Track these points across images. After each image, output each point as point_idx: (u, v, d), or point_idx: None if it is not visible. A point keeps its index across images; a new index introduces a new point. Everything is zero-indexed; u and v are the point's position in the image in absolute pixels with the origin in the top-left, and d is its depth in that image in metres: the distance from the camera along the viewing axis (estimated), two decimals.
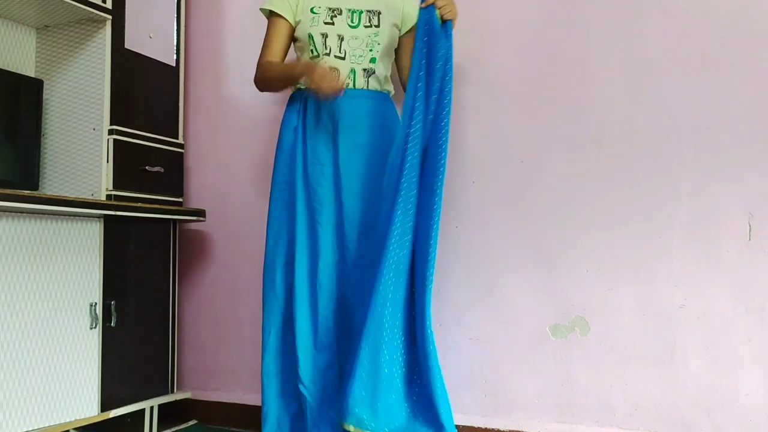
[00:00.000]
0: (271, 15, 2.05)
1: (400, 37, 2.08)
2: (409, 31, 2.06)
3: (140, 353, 2.30)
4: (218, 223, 2.64)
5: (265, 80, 2.06)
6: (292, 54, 2.13)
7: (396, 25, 2.04)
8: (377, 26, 1.99)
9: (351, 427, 1.71)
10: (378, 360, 1.77)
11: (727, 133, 1.95)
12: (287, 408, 1.98)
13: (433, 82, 1.91)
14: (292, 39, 2.07)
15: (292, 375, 1.96)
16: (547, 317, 2.13)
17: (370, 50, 1.98)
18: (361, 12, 1.99)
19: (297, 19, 2.02)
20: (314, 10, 1.99)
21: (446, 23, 1.94)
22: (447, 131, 1.90)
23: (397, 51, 2.10)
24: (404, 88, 2.12)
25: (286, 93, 2.12)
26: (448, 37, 1.95)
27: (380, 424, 1.72)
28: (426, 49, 1.92)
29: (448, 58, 1.94)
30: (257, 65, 2.06)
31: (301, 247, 1.96)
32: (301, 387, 1.91)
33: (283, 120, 2.07)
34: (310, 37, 1.99)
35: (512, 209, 2.19)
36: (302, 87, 2.02)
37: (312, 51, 2.00)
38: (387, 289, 1.79)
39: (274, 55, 2.04)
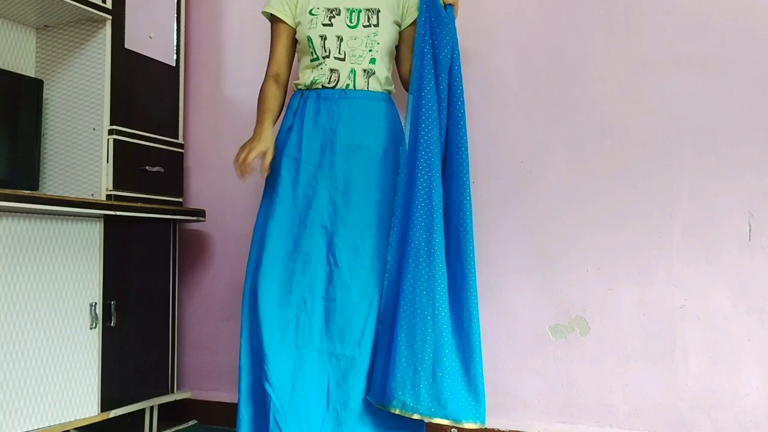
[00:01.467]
0: (272, 19, 2.05)
1: (400, 32, 2.06)
2: (412, 23, 2.04)
3: (140, 353, 2.30)
4: (218, 223, 2.64)
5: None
6: None
7: (396, 22, 2.03)
8: (376, 25, 1.98)
9: (396, 410, 1.79)
10: (414, 344, 1.81)
11: (727, 133, 1.95)
12: (250, 407, 1.95)
13: (441, 71, 1.91)
14: (296, 41, 2.07)
15: (259, 374, 1.94)
16: (547, 317, 2.13)
17: (370, 50, 1.98)
18: (360, 11, 1.98)
19: (297, 21, 2.02)
20: (313, 11, 1.99)
21: (448, 8, 1.94)
22: (464, 125, 1.92)
23: (397, 46, 2.08)
24: (403, 82, 2.11)
25: (289, 94, 2.11)
26: (452, 21, 1.94)
27: (423, 406, 1.78)
28: (430, 36, 1.91)
29: (454, 45, 1.93)
30: (265, 73, 2.07)
31: (276, 246, 1.94)
32: (266, 385, 1.88)
33: (282, 120, 2.07)
34: (309, 39, 1.98)
35: (512, 209, 2.19)
36: (301, 88, 2.02)
37: (312, 54, 1.99)
38: (417, 275, 1.83)
39: (279, 63, 2.05)
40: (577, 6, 2.15)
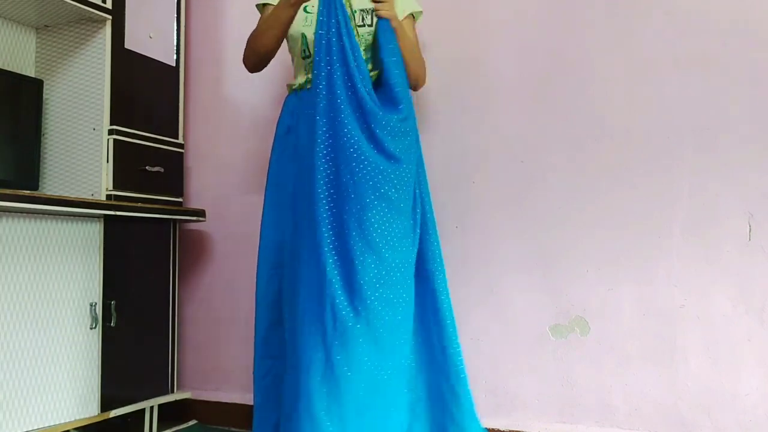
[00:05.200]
0: (264, 7, 2.04)
1: None
2: (403, 21, 2.03)
3: (140, 353, 2.30)
4: (218, 223, 2.64)
5: (255, 39, 1.97)
6: (282, 47, 2.13)
7: None
8: (370, 25, 1.96)
9: None
10: None
11: (727, 133, 1.95)
12: (270, 414, 1.95)
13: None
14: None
15: (278, 379, 1.93)
16: (547, 317, 2.13)
17: (364, 50, 1.97)
18: (354, 12, 1.97)
19: None
20: (307, 9, 1.97)
21: (381, 21, 1.88)
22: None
23: None
24: None
25: (285, 93, 2.11)
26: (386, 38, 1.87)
27: None
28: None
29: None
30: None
31: (289, 249, 1.93)
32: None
33: (278, 121, 2.06)
34: (303, 36, 1.97)
35: (512, 209, 2.19)
36: (296, 88, 2.01)
37: (303, 51, 1.98)
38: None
39: None
40: (578, 6, 2.15)
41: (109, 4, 2.22)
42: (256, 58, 2.03)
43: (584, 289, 2.08)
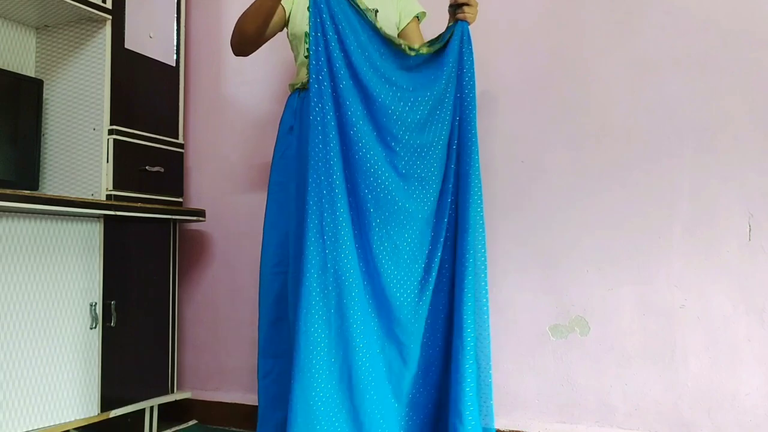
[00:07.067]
0: None
1: (399, 33, 2.06)
2: (410, 22, 2.04)
3: (140, 353, 2.30)
4: (218, 223, 2.64)
5: (242, 22, 1.96)
6: (282, 46, 2.13)
7: (395, 23, 2.03)
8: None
9: None
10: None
11: (727, 133, 1.95)
12: (272, 413, 1.96)
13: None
14: (284, 31, 2.05)
15: (280, 378, 1.94)
16: (547, 317, 2.13)
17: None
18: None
19: (290, 11, 2.01)
20: (310, 8, 1.98)
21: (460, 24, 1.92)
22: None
23: None
24: None
25: (286, 93, 2.11)
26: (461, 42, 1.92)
27: None
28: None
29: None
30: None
31: (293, 248, 1.94)
32: None
33: (280, 121, 2.06)
34: (307, 35, 1.98)
35: (512, 209, 2.19)
36: (298, 87, 2.01)
37: (307, 50, 1.99)
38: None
39: None
40: (578, 6, 2.15)
41: (109, 4, 2.22)
42: (238, 41, 2.02)
43: (584, 289, 2.09)
